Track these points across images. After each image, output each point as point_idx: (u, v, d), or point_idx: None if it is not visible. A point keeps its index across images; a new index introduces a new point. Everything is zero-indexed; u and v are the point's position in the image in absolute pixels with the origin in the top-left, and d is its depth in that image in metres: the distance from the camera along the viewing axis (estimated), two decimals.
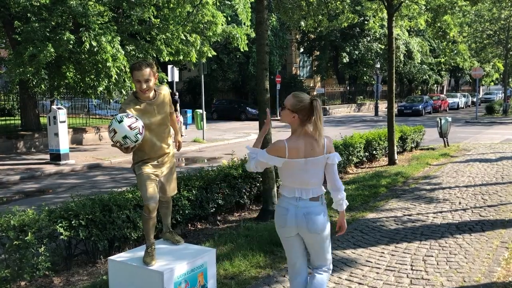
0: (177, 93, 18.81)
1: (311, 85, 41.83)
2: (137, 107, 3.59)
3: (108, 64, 12.44)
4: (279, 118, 20.28)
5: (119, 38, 13.09)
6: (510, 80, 40.05)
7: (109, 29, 12.74)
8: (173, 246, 3.98)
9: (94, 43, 11.86)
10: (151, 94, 3.64)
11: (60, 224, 4.54)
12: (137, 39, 15.45)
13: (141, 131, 3.40)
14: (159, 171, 3.78)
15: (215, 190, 6.34)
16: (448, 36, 12.08)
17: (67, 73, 14.13)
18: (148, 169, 3.74)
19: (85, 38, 11.82)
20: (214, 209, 6.39)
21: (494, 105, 33.07)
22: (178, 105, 17.95)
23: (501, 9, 28.06)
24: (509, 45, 31.06)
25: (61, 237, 4.53)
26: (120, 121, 3.30)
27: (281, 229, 3.24)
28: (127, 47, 14.65)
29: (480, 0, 10.70)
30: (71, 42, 12.03)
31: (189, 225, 6.24)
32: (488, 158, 11.35)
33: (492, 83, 59.96)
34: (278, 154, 3.10)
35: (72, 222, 4.61)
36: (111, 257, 3.82)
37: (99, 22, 12.50)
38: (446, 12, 10.92)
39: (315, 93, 39.31)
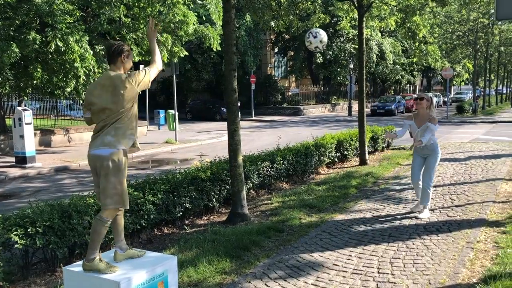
0: None
1: (286, 85, 41.89)
2: None
3: (76, 64, 12.14)
4: (254, 118, 20.28)
5: (88, 38, 12.78)
6: (479, 80, 41.02)
7: (77, 28, 12.42)
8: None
9: (60, 43, 11.54)
10: None
11: (15, 232, 4.34)
12: (106, 38, 15.14)
13: None
14: None
15: (182, 194, 6.20)
16: (417, 37, 12.20)
17: (35, 73, 13.73)
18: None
19: (51, 38, 11.49)
20: (181, 213, 6.25)
21: (464, 104, 33.73)
22: None
23: (469, 11, 28.66)
24: (478, 46, 31.77)
25: (16, 245, 4.33)
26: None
27: None
28: (96, 47, 14.32)
29: (448, 2, 10.81)
30: (37, 42, 11.68)
31: (155, 230, 6.08)
32: (457, 157, 11.50)
33: (463, 83, 61.39)
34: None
35: (28, 230, 4.41)
36: (66, 267, 3.65)
37: (67, 21, 12.18)
38: (415, 13, 11.02)
39: (290, 93, 39.41)
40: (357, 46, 35.23)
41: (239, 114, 6.84)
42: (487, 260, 4.72)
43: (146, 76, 3.63)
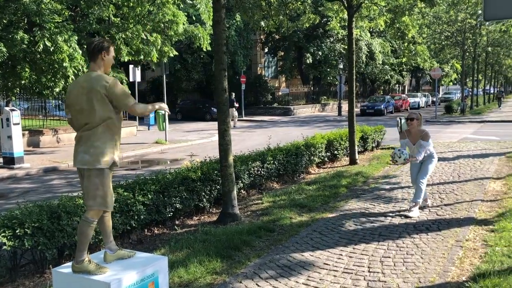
0: None
1: (276, 85, 41.94)
2: None
3: (64, 64, 12.03)
4: (244, 118, 20.21)
5: (76, 37, 12.67)
6: (467, 80, 41.41)
7: (66, 28, 12.31)
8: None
9: (48, 43, 11.42)
10: None
11: (3, 234, 4.29)
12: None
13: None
14: None
15: (172, 194, 6.18)
16: (406, 37, 12.28)
17: (22, 73, 13.58)
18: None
19: (39, 38, 11.38)
20: (171, 213, 6.23)
21: (452, 104, 34.02)
22: None
23: (457, 12, 28.92)
24: (466, 47, 32.06)
25: (4, 247, 4.28)
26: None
27: None
28: (85, 46, 14.13)
29: (436, 2, 10.89)
30: (25, 41, 11.56)
31: (146, 230, 6.05)
32: (446, 157, 11.60)
33: (451, 83, 61.78)
34: None
35: (17, 231, 4.36)
36: (56, 268, 3.62)
37: (55, 20, 12.06)
38: (404, 13, 11.09)
39: (280, 93, 39.45)
40: (346, 47, 35.42)
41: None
42: (476, 258, 4.76)
43: (126, 99, 3.41)
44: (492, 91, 57.00)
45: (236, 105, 25.62)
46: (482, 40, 34.17)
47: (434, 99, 34.77)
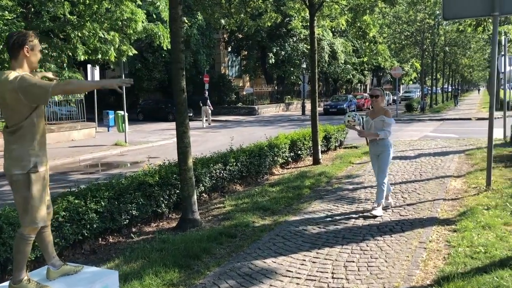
0: None
1: (240, 84, 41.75)
2: None
3: None
4: (206, 119, 19.60)
5: None
6: (426, 79, 42.44)
7: (16, 25, 11.70)
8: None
9: None
10: None
11: None
12: (50, 37, 14.38)
13: None
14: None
15: (128, 200, 5.86)
16: (367, 36, 12.32)
17: None
18: (46, 175, 3.21)
19: None
20: (127, 220, 5.91)
21: (413, 103, 34.76)
22: None
23: (416, 12, 29.52)
24: (425, 46, 32.80)
25: None
26: None
27: None
28: None
29: (397, 1, 10.95)
30: None
31: (100, 239, 5.71)
32: (408, 155, 11.69)
33: (411, 82, 63.44)
34: None
35: None
36: None
37: (5, 17, 11.44)
38: (365, 12, 11.10)
39: (244, 93, 39.28)
40: (309, 46, 35.67)
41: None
42: (440, 260, 4.69)
43: (40, 88, 2.98)
44: (450, 89, 58.72)
45: (209, 104, 26.10)
46: (440, 40, 35.08)
47: (395, 98, 35.45)
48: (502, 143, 12.97)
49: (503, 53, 15.64)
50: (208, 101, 26.16)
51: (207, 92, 27.74)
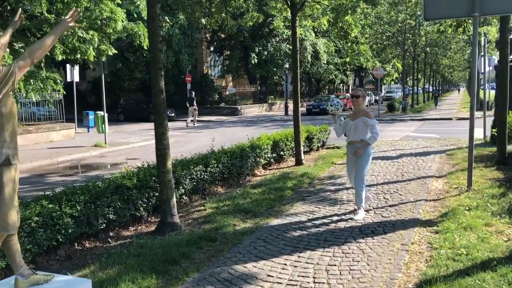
0: None
1: (223, 84, 41.57)
2: None
3: None
4: (191, 118, 19.61)
5: None
6: (408, 79, 42.85)
7: None
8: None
9: None
10: None
11: None
12: (27, 36, 14.04)
13: None
14: None
15: (105, 204, 5.69)
16: (350, 37, 12.31)
17: None
18: (17, 175, 3.05)
19: None
20: (104, 225, 5.74)
21: (394, 103, 35.02)
22: None
23: (398, 13, 29.76)
24: (406, 47, 33.09)
25: None
26: None
27: None
28: (14, 44, 13.23)
29: (378, 1, 10.96)
30: None
31: (76, 244, 5.54)
32: (389, 155, 11.70)
33: (393, 82, 64.02)
34: None
35: None
36: None
37: None
38: (347, 13, 11.08)
39: (227, 93, 39.11)
40: (291, 46, 35.68)
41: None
42: (422, 262, 4.65)
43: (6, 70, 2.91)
44: (430, 90, 59.43)
45: (195, 105, 26.32)
46: (421, 41, 35.42)
47: (377, 98, 35.71)
48: (482, 143, 13.08)
49: (482, 53, 15.81)
50: (195, 101, 26.27)
51: (193, 93, 27.65)
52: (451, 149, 12.25)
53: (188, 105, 25.94)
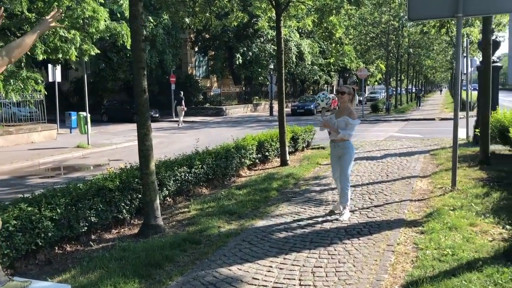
0: None
1: (208, 85, 41.41)
2: None
3: None
4: (175, 119, 19.53)
5: None
6: (391, 80, 43.21)
7: None
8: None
9: None
10: None
11: None
12: (6, 35, 13.77)
13: None
14: None
15: (86, 207, 5.56)
16: (334, 37, 12.31)
17: None
18: None
19: None
20: (86, 228, 5.61)
21: (378, 103, 35.26)
22: None
23: (381, 14, 29.97)
24: (390, 48, 33.33)
25: None
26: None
27: None
28: None
29: (362, 2, 10.97)
30: None
31: (56, 248, 5.39)
32: (374, 155, 11.73)
33: (376, 83, 64.55)
34: None
35: None
36: None
37: None
38: (332, 13, 11.07)
39: (212, 93, 38.97)
40: (276, 47, 35.71)
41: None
42: (408, 263, 4.63)
43: None
44: (414, 90, 60.02)
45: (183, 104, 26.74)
46: (404, 42, 35.73)
47: (361, 99, 35.91)
48: (465, 143, 13.21)
49: (465, 54, 15.96)
50: (183, 101, 26.44)
51: (182, 92, 27.61)
52: (435, 149, 12.34)
53: (176, 105, 26.21)
